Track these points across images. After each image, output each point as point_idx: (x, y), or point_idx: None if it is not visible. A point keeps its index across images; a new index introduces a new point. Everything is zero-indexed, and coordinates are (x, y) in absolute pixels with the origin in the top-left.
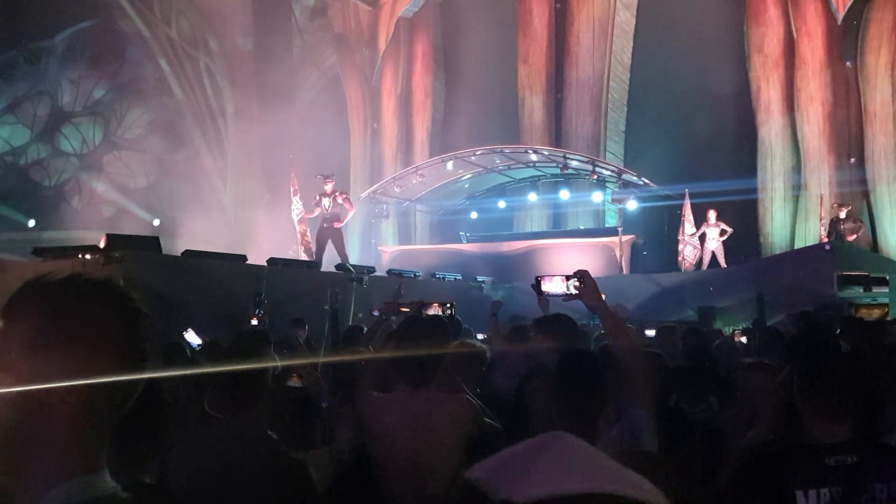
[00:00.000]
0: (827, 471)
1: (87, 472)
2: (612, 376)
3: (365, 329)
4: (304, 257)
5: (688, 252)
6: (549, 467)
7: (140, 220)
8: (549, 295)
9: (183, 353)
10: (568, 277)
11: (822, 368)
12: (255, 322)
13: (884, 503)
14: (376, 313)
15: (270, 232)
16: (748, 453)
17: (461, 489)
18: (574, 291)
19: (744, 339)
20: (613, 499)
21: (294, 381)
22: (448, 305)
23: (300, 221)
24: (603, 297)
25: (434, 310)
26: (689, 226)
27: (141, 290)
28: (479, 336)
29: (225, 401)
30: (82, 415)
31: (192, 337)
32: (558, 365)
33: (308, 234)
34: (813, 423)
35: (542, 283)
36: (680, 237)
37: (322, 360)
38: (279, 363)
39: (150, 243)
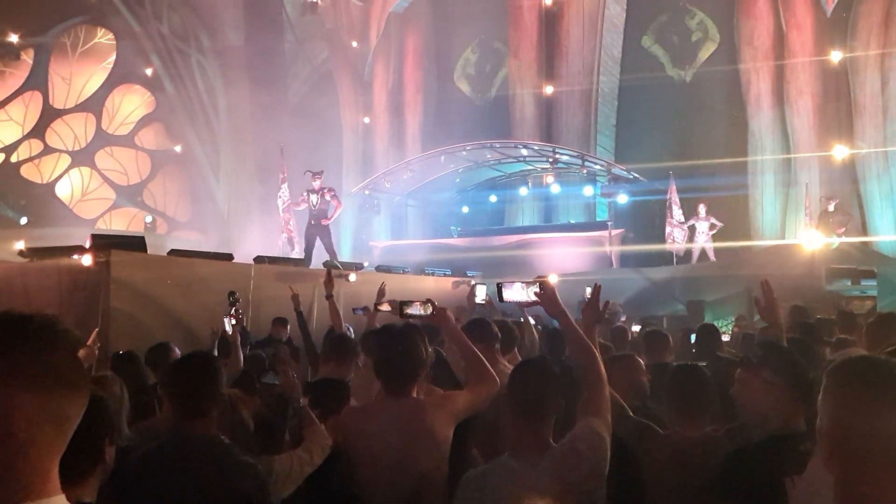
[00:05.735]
0: (803, 457)
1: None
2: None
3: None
4: (286, 246)
5: (677, 234)
6: None
7: (132, 216)
8: (510, 301)
9: (167, 356)
10: (528, 284)
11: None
12: (233, 321)
13: None
14: (360, 312)
15: (263, 225)
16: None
17: None
18: (534, 298)
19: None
20: None
21: (270, 378)
22: (428, 302)
23: (285, 210)
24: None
25: (416, 308)
26: (676, 208)
27: (126, 290)
28: None
29: (181, 409)
30: (37, 442)
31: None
32: (513, 371)
33: (291, 222)
34: (790, 412)
35: (502, 289)
36: (669, 220)
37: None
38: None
39: (136, 243)
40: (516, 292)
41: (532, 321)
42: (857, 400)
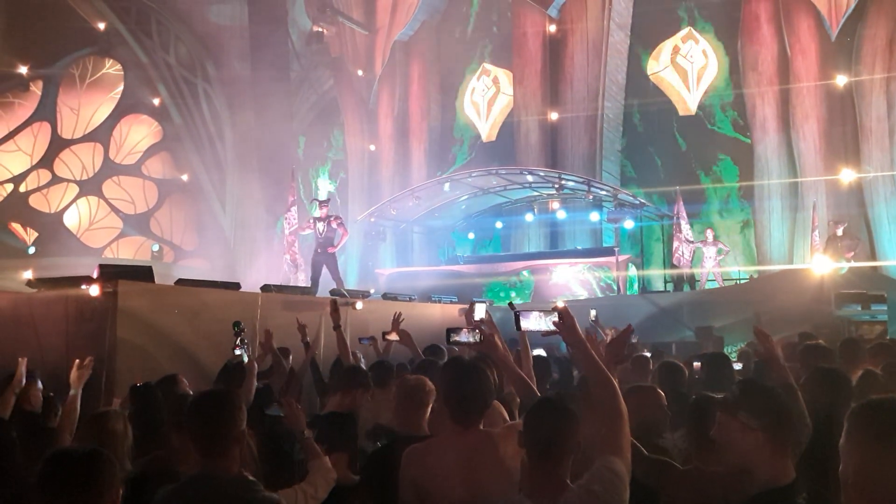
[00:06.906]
0: None
1: None
2: (588, 420)
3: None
4: (289, 267)
5: (685, 250)
6: None
7: (139, 245)
8: (527, 331)
9: (174, 389)
10: (546, 312)
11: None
12: (238, 352)
13: None
14: (365, 341)
15: (268, 253)
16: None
17: None
18: (552, 328)
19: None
20: None
21: (274, 410)
22: (476, 329)
23: (290, 233)
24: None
25: (464, 335)
26: (684, 223)
27: (133, 320)
28: None
29: (203, 449)
30: None
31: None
32: (529, 410)
33: (296, 245)
34: (776, 462)
35: (520, 318)
36: (677, 234)
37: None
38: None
39: (143, 273)
40: (534, 321)
41: (543, 353)
42: (884, 446)
